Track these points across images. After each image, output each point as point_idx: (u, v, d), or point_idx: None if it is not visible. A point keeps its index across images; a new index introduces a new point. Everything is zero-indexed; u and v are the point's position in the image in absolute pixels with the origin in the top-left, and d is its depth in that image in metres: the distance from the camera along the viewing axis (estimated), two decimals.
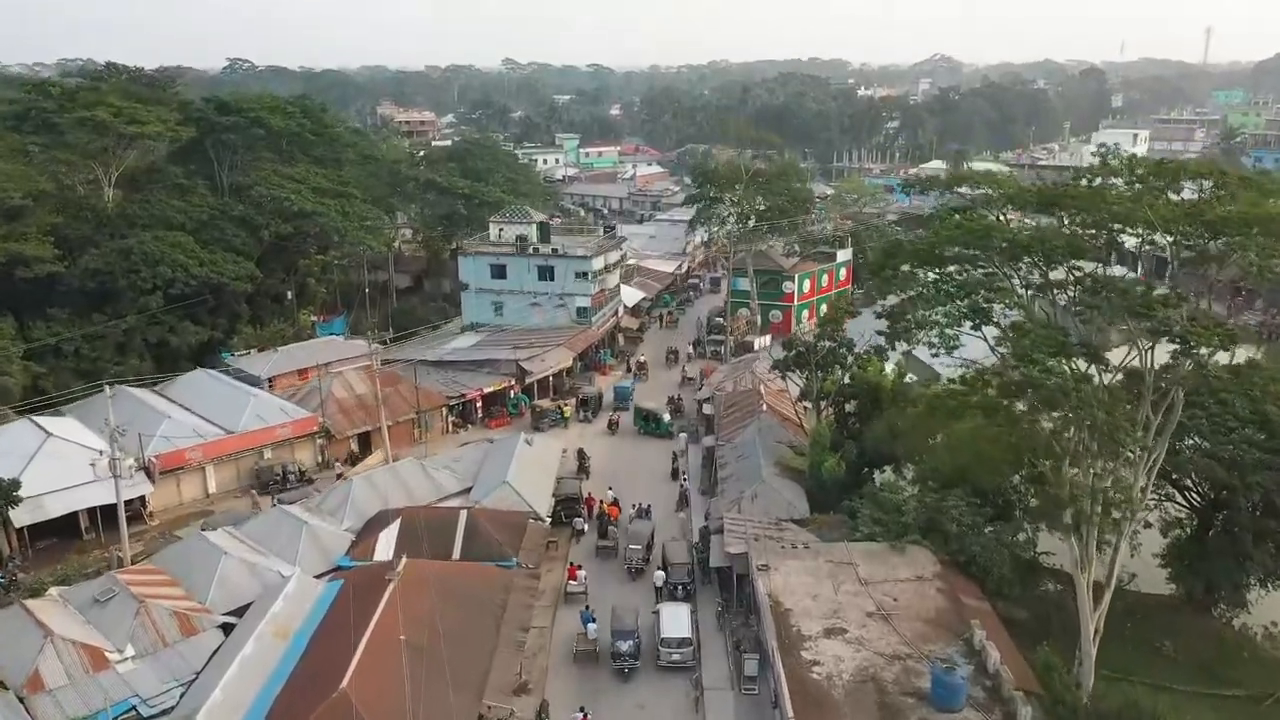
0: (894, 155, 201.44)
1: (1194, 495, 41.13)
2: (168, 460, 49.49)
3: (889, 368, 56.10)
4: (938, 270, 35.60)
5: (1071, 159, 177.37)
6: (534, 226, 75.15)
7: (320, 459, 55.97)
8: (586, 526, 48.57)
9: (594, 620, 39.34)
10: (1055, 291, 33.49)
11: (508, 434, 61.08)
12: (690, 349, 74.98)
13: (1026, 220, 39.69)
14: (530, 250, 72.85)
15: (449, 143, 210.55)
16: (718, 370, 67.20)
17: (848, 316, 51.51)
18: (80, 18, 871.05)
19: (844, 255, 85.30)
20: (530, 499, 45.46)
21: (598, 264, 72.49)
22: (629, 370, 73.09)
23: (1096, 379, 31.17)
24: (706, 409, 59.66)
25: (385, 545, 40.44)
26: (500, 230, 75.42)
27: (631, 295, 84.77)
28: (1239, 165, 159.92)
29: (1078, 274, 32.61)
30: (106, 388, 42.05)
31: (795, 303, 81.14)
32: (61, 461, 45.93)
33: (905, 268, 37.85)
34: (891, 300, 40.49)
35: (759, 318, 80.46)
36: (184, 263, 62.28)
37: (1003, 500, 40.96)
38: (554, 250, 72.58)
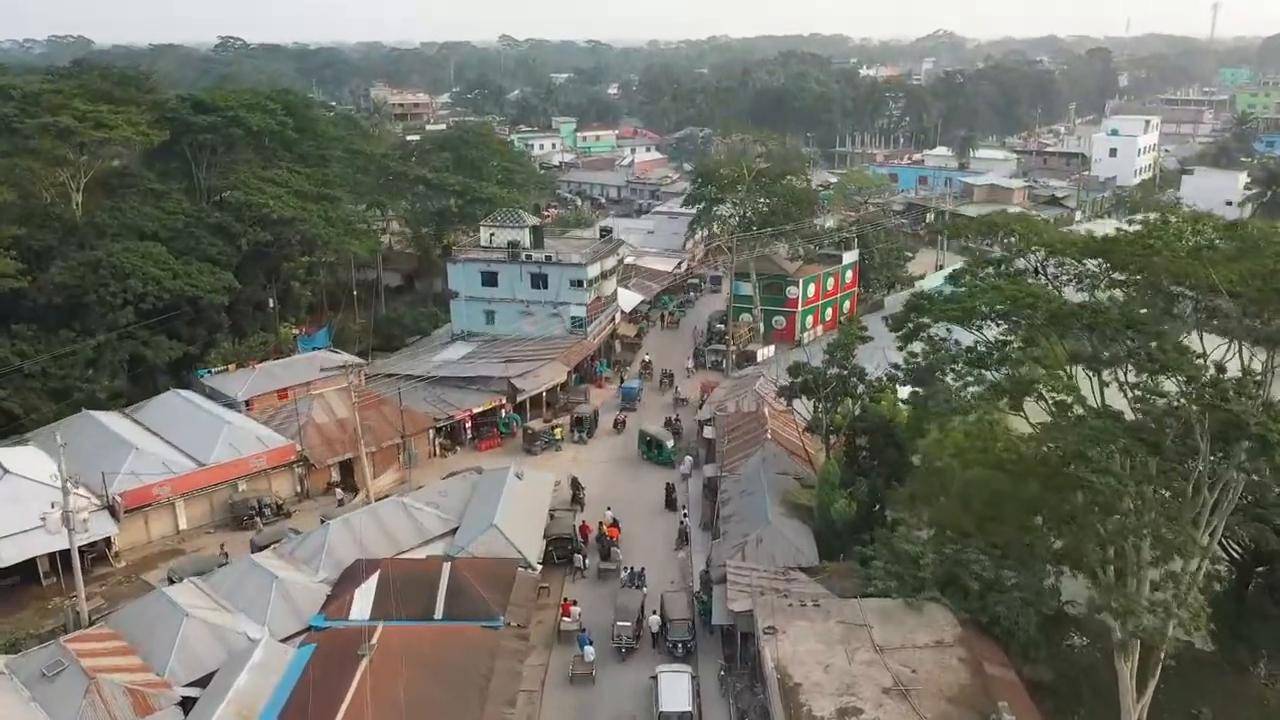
0: (898, 140, 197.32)
1: (1234, 547, 38.26)
2: (134, 498, 46.50)
3: (903, 391, 53.26)
4: (972, 330, 32.04)
5: (1080, 144, 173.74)
6: (527, 231, 71.78)
7: (299, 489, 53.00)
8: (586, 562, 46.31)
9: (590, 643, 38.66)
10: (1109, 370, 29.80)
11: (498, 456, 58.55)
12: (690, 363, 71.41)
13: (1069, 264, 35.67)
14: (523, 257, 69.53)
15: (443, 127, 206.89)
16: (719, 386, 64.04)
17: (858, 342, 48.11)
18: None
19: (850, 257, 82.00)
20: (520, 543, 42.47)
21: (593, 271, 69.20)
22: (620, 374, 70.47)
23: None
24: (707, 431, 56.58)
25: (362, 603, 37.45)
26: (491, 235, 72.03)
27: (629, 299, 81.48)
28: (1251, 151, 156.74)
29: (1133, 344, 28.79)
30: (57, 434, 38.66)
31: (800, 308, 77.93)
32: (19, 504, 42.90)
33: (932, 326, 34.36)
34: (917, 349, 37.07)
35: (762, 325, 77.28)
36: (156, 275, 58.90)
37: (1026, 542, 38.07)
38: (547, 257, 69.28)
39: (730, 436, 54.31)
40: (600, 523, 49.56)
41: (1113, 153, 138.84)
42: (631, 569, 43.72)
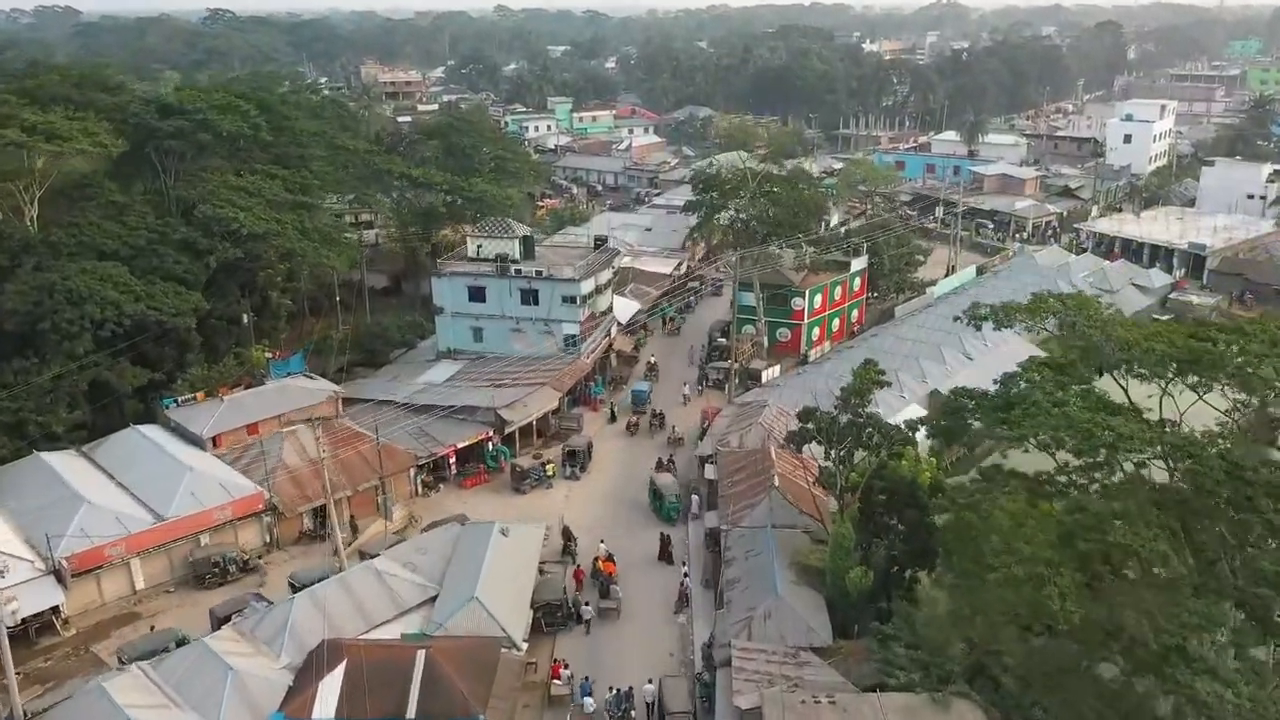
0: (903, 121, 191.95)
1: None
2: (84, 560, 42.60)
3: (922, 437, 49.25)
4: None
5: (1090, 125, 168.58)
6: (516, 242, 67.42)
7: (269, 539, 49.09)
8: (588, 610, 43.53)
9: (590, 694, 37.16)
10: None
11: (485, 496, 54.82)
12: (686, 389, 66.75)
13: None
14: (512, 271, 65.22)
15: (435, 107, 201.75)
16: (721, 414, 59.97)
17: (875, 387, 43.97)
18: None
19: (859, 264, 77.63)
20: (504, 618, 38.66)
21: (587, 287, 64.96)
22: (613, 401, 66.56)
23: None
24: (709, 471, 52.58)
25: (326, 699, 33.57)
26: (479, 246, 67.67)
27: (625, 308, 77.15)
28: (1269, 135, 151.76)
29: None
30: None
31: (805, 320, 73.70)
32: None
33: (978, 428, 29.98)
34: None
35: (765, 338, 73.12)
36: (115, 299, 54.62)
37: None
38: (538, 272, 64.95)
39: (733, 478, 50.34)
40: (595, 558, 47.02)
41: (1127, 139, 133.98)
42: (618, 691, 38.01)
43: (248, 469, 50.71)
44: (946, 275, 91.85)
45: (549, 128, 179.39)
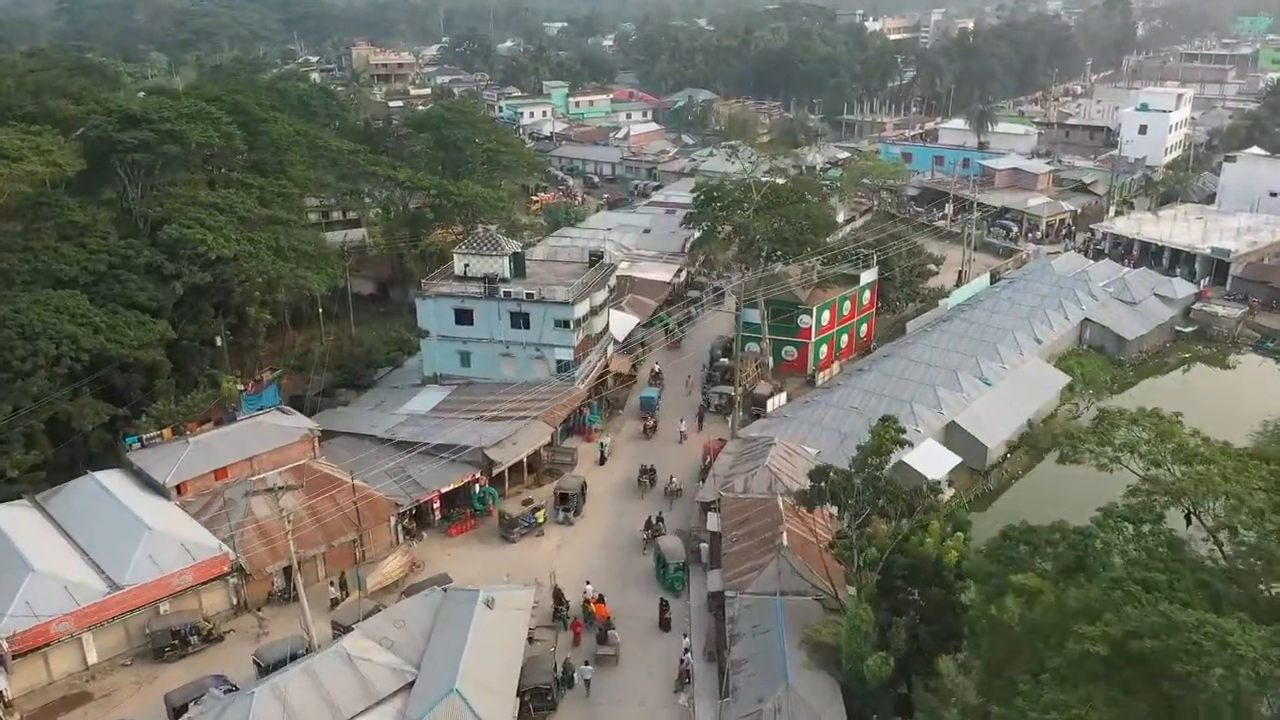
0: (909, 106, 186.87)
1: None
2: (28, 639, 38.95)
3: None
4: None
5: (1100, 109, 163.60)
6: (506, 260, 63.31)
7: (235, 600, 45.39)
8: (588, 672, 40.69)
9: None
10: None
11: (471, 544, 51.19)
12: (682, 424, 61.95)
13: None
14: (501, 293, 61.18)
15: (427, 90, 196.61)
16: (725, 450, 56.16)
17: (895, 446, 40.08)
18: None
19: (868, 276, 73.54)
20: (487, 713, 35.00)
21: (581, 310, 60.92)
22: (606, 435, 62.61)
23: None
24: (711, 521, 48.82)
25: None
26: (466, 266, 63.57)
27: (623, 323, 73.13)
28: None
29: None
30: None
31: (813, 338, 69.75)
32: None
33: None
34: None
35: (770, 358, 69.19)
36: (72, 333, 50.58)
37: None
38: (529, 294, 60.88)
39: (738, 532, 46.58)
40: (585, 600, 44.75)
41: (1142, 130, 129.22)
42: None
43: (214, 521, 46.98)
44: (958, 282, 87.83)
45: (544, 114, 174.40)
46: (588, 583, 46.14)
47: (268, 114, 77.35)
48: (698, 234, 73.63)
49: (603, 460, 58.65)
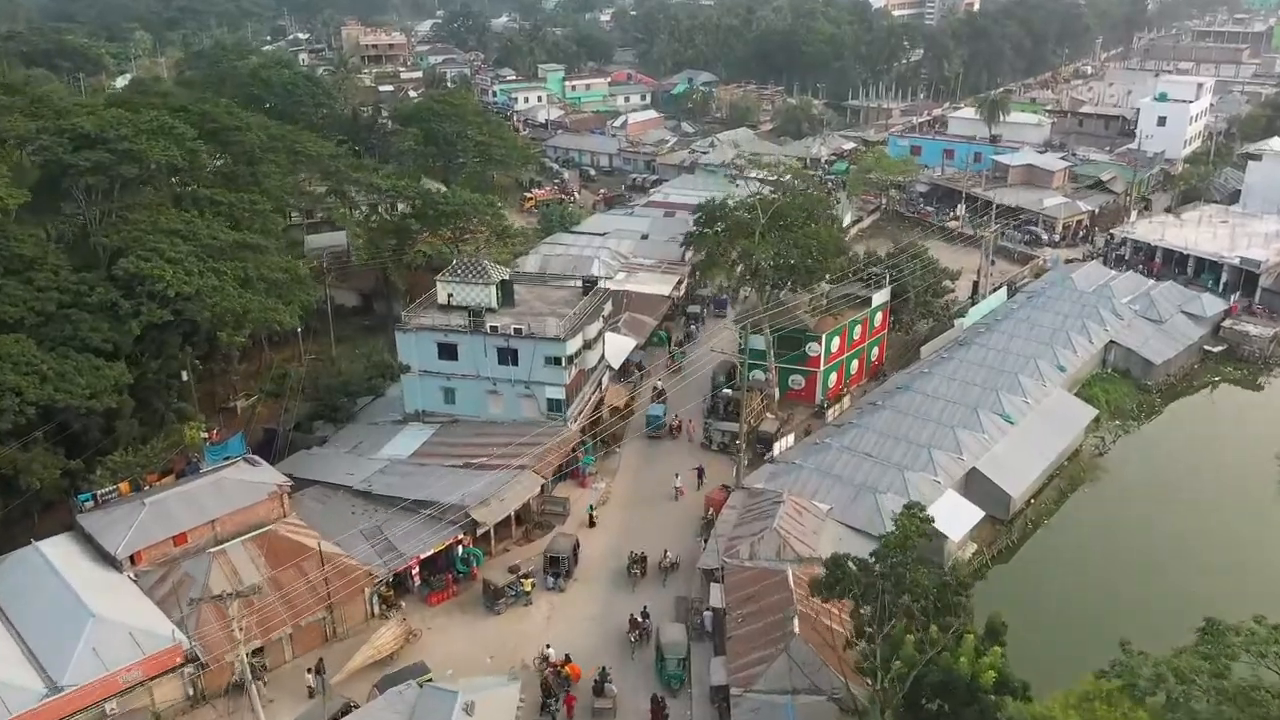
0: (916, 90, 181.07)
1: None
2: None
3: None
4: None
5: (1114, 96, 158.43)
6: (493, 288, 58.86)
7: (193, 691, 41.34)
8: None
9: None
10: None
11: (454, 614, 47.14)
12: (678, 482, 56.49)
13: None
14: (487, 328, 56.71)
15: (419, 74, 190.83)
16: (729, 503, 51.98)
17: (921, 536, 35.85)
18: None
19: (880, 297, 69.06)
20: None
21: (573, 346, 56.47)
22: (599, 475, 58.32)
23: None
24: (713, 595, 44.73)
25: None
26: (450, 295, 59.12)
27: (620, 348, 68.76)
28: None
29: None
30: None
31: (822, 367, 65.43)
32: None
33: None
34: None
35: (777, 389, 64.89)
36: (15, 384, 46.22)
37: None
38: (517, 330, 56.40)
39: (744, 610, 42.52)
40: (558, 667, 41.85)
41: (1161, 121, 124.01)
42: None
43: (169, 597, 42.83)
44: (973, 292, 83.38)
45: (540, 99, 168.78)
46: (547, 645, 43.26)
47: (240, 121, 72.58)
48: (699, 258, 68.96)
49: (592, 524, 53.50)
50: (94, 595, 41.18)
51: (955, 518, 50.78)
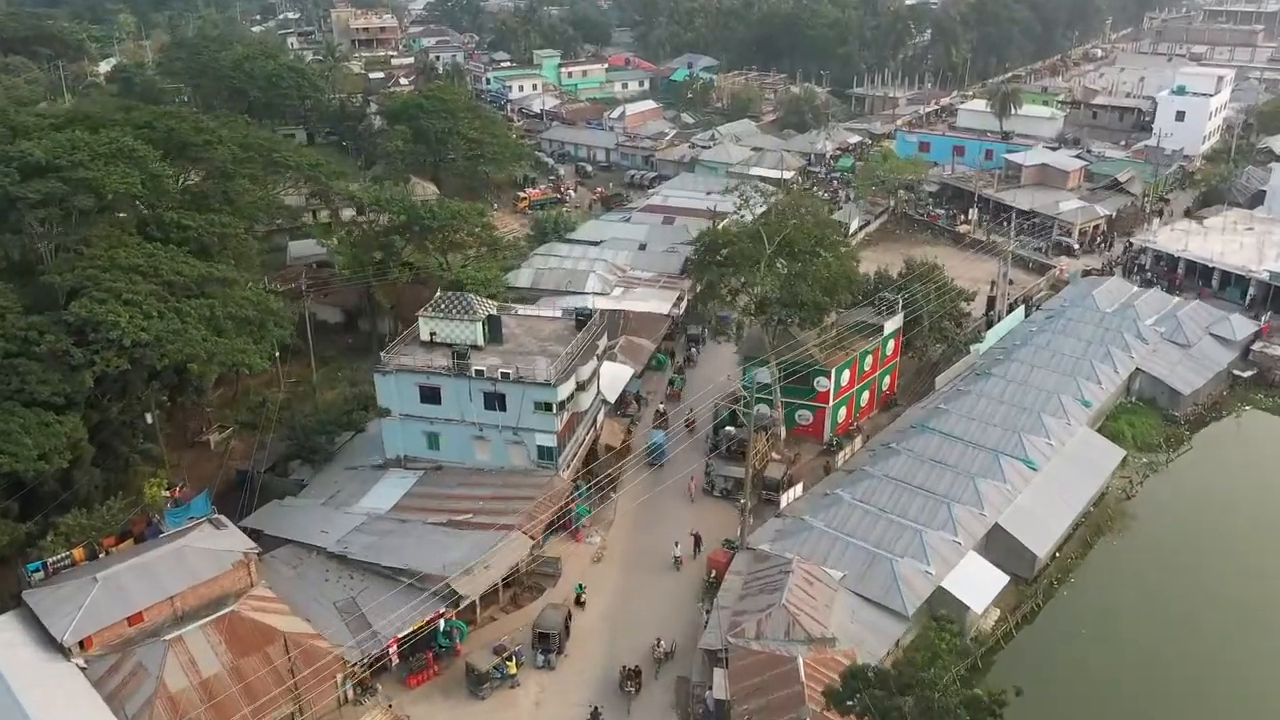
0: (923, 78, 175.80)
1: None
2: None
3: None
4: None
5: (1127, 82, 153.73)
6: (480, 325, 54.80)
7: None
8: None
9: None
10: None
11: (434, 699, 43.36)
12: (677, 550, 51.40)
13: None
14: (472, 371, 52.65)
15: (410, 59, 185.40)
16: (733, 567, 48.14)
17: (950, 657, 32.06)
18: None
19: (893, 324, 65.04)
20: None
21: (565, 391, 52.44)
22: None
23: None
24: (716, 684, 40.96)
25: None
26: (433, 333, 55.05)
27: (616, 378, 64.58)
28: None
29: None
30: None
31: (831, 402, 61.48)
32: None
33: None
34: None
35: (783, 428, 60.96)
36: None
37: None
38: (504, 374, 52.35)
39: (750, 705, 38.68)
40: None
41: (1180, 116, 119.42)
42: None
43: (121, 689, 39.11)
44: (988, 309, 79.25)
45: (535, 87, 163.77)
46: None
47: (210, 135, 68.08)
48: (699, 288, 64.85)
49: (580, 602, 48.64)
50: (35, 696, 37.40)
51: (978, 585, 47.06)
